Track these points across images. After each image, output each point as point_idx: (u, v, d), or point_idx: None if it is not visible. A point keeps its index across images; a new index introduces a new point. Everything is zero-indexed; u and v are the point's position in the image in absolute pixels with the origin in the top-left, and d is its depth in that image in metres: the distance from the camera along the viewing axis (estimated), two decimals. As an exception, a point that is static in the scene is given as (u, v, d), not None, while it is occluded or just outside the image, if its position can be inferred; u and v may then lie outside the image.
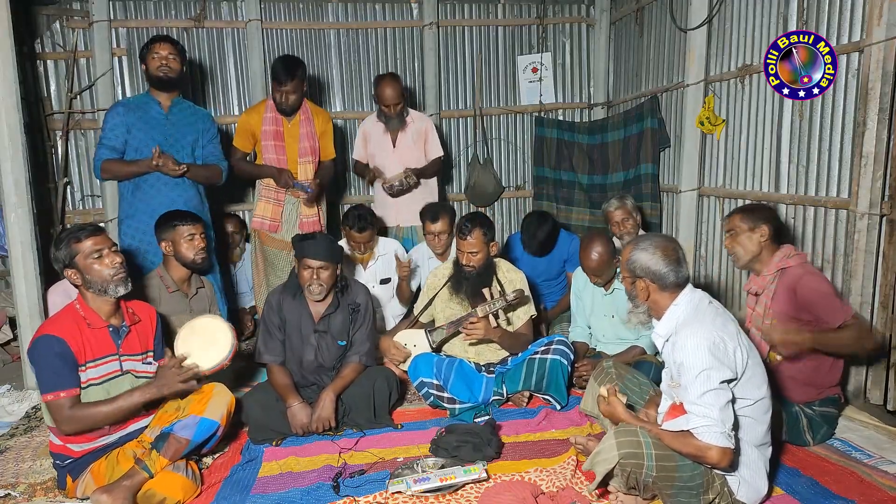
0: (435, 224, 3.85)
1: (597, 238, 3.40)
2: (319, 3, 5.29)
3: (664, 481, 2.15)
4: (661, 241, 2.30)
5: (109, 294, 2.50)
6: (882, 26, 2.98)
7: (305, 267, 3.04)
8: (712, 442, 2.02)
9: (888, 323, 3.12)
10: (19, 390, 3.74)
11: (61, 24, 4.95)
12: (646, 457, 2.12)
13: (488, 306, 3.29)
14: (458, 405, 3.19)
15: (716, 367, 2.07)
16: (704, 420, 2.04)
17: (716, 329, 2.14)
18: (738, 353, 2.15)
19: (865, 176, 3.10)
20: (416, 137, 4.49)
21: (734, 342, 2.15)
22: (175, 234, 3.20)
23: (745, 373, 2.17)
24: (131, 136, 3.64)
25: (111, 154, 3.63)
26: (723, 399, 2.06)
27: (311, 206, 4.11)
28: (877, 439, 2.85)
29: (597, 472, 2.18)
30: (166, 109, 3.70)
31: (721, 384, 2.07)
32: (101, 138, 3.66)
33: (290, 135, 4.07)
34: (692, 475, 2.14)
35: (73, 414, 2.38)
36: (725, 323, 2.20)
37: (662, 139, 4.76)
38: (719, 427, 2.02)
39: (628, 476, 2.15)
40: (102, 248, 2.49)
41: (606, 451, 2.16)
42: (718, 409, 2.04)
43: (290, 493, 2.52)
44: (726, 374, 2.09)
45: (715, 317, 2.20)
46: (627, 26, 5.40)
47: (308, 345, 3.15)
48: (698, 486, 2.15)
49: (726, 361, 2.10)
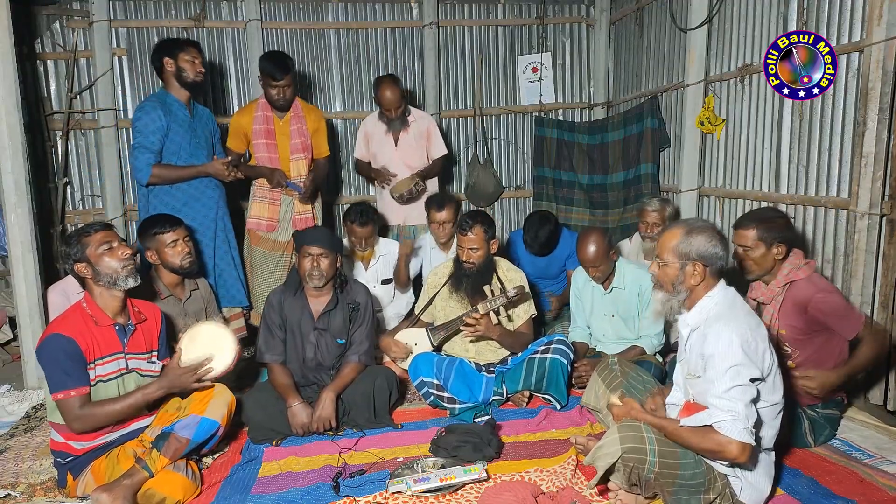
0: (440, 212, 3.90)
1: (594, 231, 3.43)
2: (319, 3, 5.29)
3: (666, 478, 2.14)
4: (712, 226, 2.28)
5: (119, 286, 2.52)
6: (882, 26, 2.98)
7: (305, 255, 3.06)
8: (734, 437, 2.02)
9: (888, 323, 3.12)
10: (19, 390, 3.74)
11: (61, 24, 4.95)
12: (648, 452, 2.12)
13: (489, 303, 3.29)
14: (458, 405, 3.19)
15: (746, 364, 2.06)
16: (729, 414, 2.03)
17: (750, 328, 2.13)
18: (766, 355, 2.15)
19: (865, 176, 3.10)
20: (419, 136, 4.49)
21: (764, 344, 2.15)
22: (157, 244, 3.16)
23: (769, 375, 2.17)
24: (168, 139, 3.60)
25: (156, 158, 3.56)
26: (749, 396, 2.06)
27: (306, 203, 4.10)
28: (877, 439, 2.85)
29: (598, 467, 2.17)
30: (189, 111, 3.71)
31: (749, 381, 2.07)
32: (142, 141, 3.53)
33: (281, 132, 4.07)
34: (694, 473, 2.14)
35: (83, 412, 2.40)
36: (759, 324, 2.20)
37: (662, 139, 4.76)
38: (743, 422, 2.02)
39: (630, 472, 2.15)
40: (112, 240, 2.54)
41: (609, 446, 2.15)
42: (744, 405, 2.04)
43: (290, 493, 2.52)
44: (755, 372, 2.08)
45: (748, 316, 2.20)
46: (627, 26, 5.40)
47: (308, 343, 3.16)
48: (699, 486, 2.15)
49: (756, 360, 2.10)
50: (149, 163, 3.52)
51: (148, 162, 3.52)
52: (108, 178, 4.98)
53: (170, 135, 3.60)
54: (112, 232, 2.59)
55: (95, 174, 5.13)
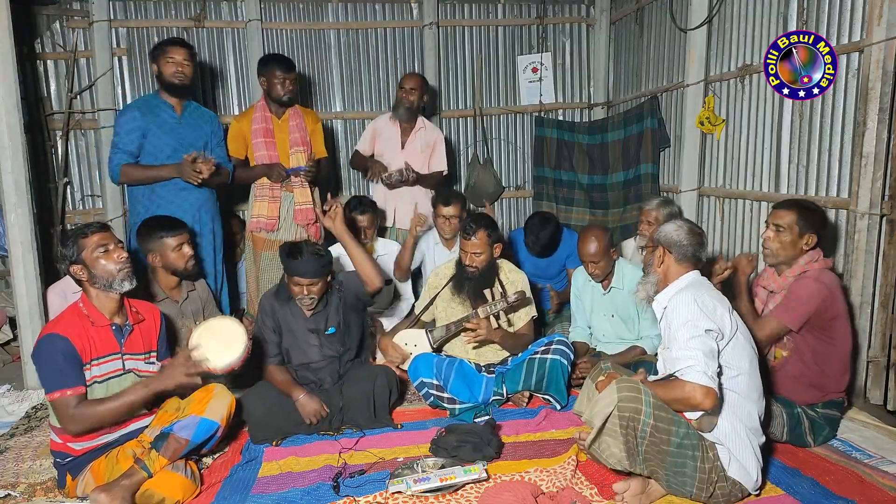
0: (447, 207, 3.94)
1: (596, 228, 3.47)
2: (319, 3, 5.29)
3: (661, 433, 2.16)
4: (690, 223, 2.54)
5: (115, 289, 2.50)
6: (882, 26, 2.98)
7: (295, 284, 3.03)
8: (696, 381, 2.11)
9: (888, 323, 3.12)
10: (19, 390, 3.74)
11: (61, 24, 4.95)
12: (644, 403, 2.17)
13: (489, 307, 3.29)
14: (458, 405, 3.19)
15: (700, 316, 2.22)
16: (689, 360, 2.15)
17: (710, 296, 2.32)
18: (725, 317, 2.29)
19: (865, 176, 3.10)
20: (425, 146, 4.54)
21: (723, 308, 2.32)
22: (161, 246, 3.15)
23: (732, 338, 2.29)
24: (147, 140, 3.61)
25: (128, 159, 3.60)
26: (708, 345, 2.18)
27: (304, 189, 4.03)
28: (877, 439, 2.85)
29: (595, 425, 2.20)
30: (178, 113, 3.69)
31: (706, 332, 2.20)
32: (116, 142, 3.61)
33: (280, 130, 4.07)
34: (687, 433, 2.20)
35: (78, 412, 2.39)
36: (721, 298, 2.38)
37: (662, 139, 4.76)
38: (702, 367, 2.12)
39: (626, 427, 2.16)
40: (109, 243, 2.52)
41: (605, 397, 2.21)
42: (703, 353, 2.15)
43: (290, 493, 2.52)
44: (709, 324, 2.22)
45: (710, 290, 2.40)
46: (627, 26, 5.39)
47: (310, 346, 3.16)
48: (693, 447, 2.19)
49: (711, 315, 2.25)
50: (119, 162, 3.60)
51: (118, 161, 3.60)
52: (107, 178, 4.96)
53: (148, 136, 3.60)
54: (109, 234, 2.56)
55: (95, 174, 5.13)
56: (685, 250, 2.42)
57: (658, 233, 2.52)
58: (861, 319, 3.16)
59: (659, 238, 2.49)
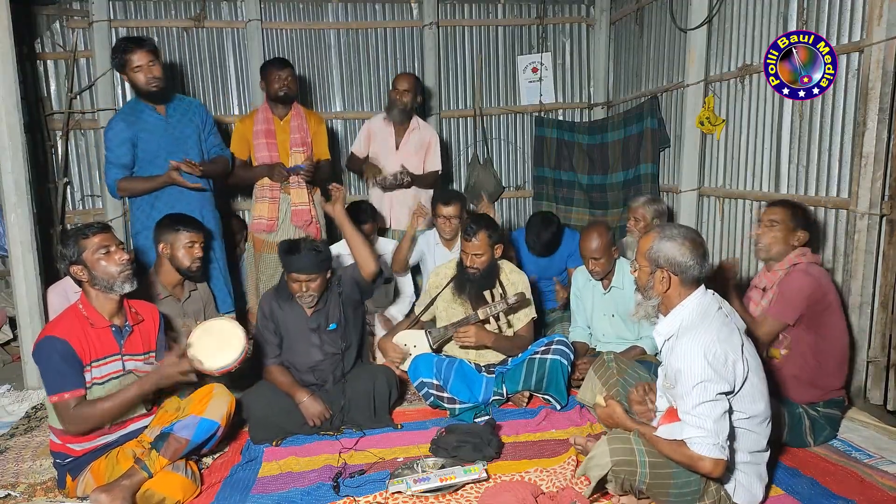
0: (447, 207, 3.91)
1: (599, 224, 3.46)
2: (319, 3, 5.29)
3: (659, 487, 2.15)
4: (689, 232, 2.22)
5: (115, 291, 2.50)
6: (882, 26, 2.98)
7: (294, 280, 3.03)
8: (705, 453, 2.01)
9: (888, 323, 3.12)
10: (19, 390, 3.74)
11: (61, 24, 4.95)
12: (639, 464, 2.12)
13: (489, 309, 3.29)
14: (458, 405, 3.19)
15: (713, 378, 2.04)
16: (699, 431, 2.02)
17: (720, 340, 2.08)
18: (737, 366, 2.10)
19: (865, 176, 3.10)
20: (419, 146, 4.53)
21: (735, 354, 2.10)
22: (176, 238, 3.16)
23: (743, 386, 2.13)
24: (139, 148, 3.55)
25: (123, 172, 3.56)
26: (718, 411, 2.04)
27: (301, 189, 3.99)
28: (877, 439, 2.85)
29: (591, 478, 2.19)
30: (164, 113, 3.62)
31: (717, 396, 2.04)
32: (109, 156, 3.55)
33: (281, 130, 4.07)
34: (687, 481, 2.14)
35: (77, 413, 2.39)
36: (731, 333, 2.14)
37: (662, 139, 4.76)
38: (712, 439, 2.01)
39: (622, 482, 2.16)
40: (110, 244, 2.51)
41: (599, 458, 2.16)
42: (713, 421, 2.02)
43: (290, 493, 2.52)
44: (723, 386, 2.05)
45: (721, 326, 2.13)
46: (627, 26, 5.39)
47: (312, 346, 3.16)
48: (694, 493, 2.15)
49: (724, 374, 2.06)
50: (115, 178, 3.57)
51: (115, 177, 3.57)
52: (107, 178, 4.98)
53: (139, 144, 3.55)
54: (110, 235, 2.54)
55: (95, 174, 5.12)
56: (693, 271, 2.16)
57: (655, 253, 2.19)
58: (861, 319, 3.16)
59: (658, 260, 2.18)
